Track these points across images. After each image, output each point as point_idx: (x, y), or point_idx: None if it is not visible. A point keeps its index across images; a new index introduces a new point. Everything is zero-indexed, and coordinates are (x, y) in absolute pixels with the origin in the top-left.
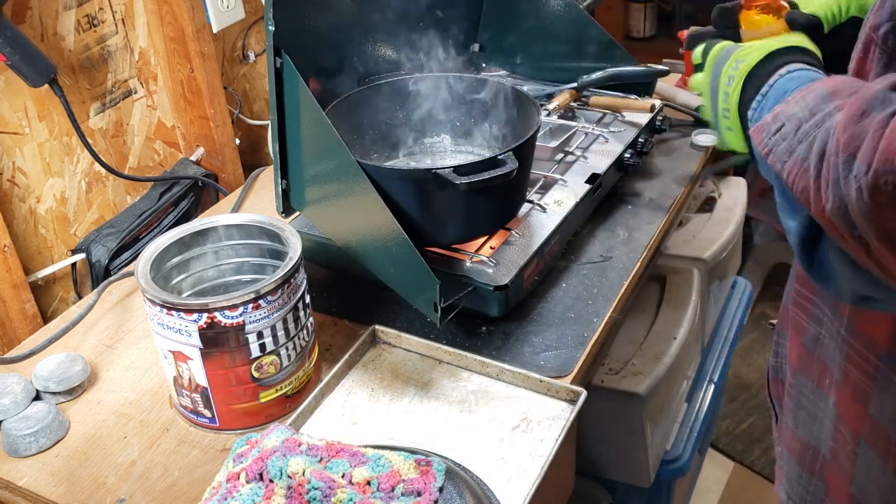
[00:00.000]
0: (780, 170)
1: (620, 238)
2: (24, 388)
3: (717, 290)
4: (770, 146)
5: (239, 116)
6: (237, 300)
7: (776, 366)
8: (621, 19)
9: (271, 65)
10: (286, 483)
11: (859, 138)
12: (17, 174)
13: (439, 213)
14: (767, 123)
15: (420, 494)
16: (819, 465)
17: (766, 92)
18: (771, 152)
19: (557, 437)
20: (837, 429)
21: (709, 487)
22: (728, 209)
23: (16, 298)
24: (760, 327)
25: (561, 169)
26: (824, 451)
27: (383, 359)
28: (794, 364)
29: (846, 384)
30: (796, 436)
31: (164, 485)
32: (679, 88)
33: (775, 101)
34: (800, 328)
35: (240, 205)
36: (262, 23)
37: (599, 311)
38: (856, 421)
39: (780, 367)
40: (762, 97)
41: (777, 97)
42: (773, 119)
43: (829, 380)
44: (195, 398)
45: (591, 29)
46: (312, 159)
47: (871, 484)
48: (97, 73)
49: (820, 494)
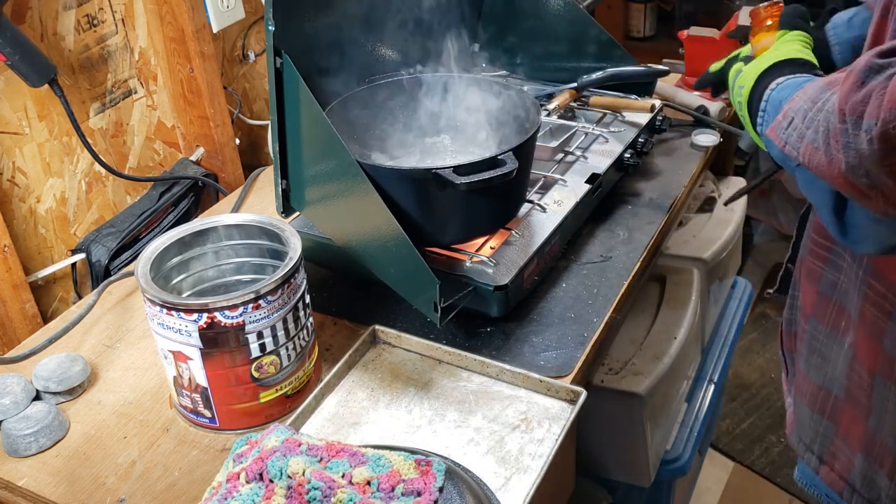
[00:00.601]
0: (796, 155)
1: (620, 238)
2: (24, 388)
3: (717, 290)
4: (785, 139)
5: (239, 116)
6: (237, 300)
7: (790, 318)
8: (621, 19)
9: (271, 65)
10: (286, 483)
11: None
12: (17, 174)
13: (439, 213)
14: (779, 122)
15: (420, 494)
16: (831, 406)
17: (764, 108)
18: (787, 143)
19: (557, 437)
20: (852, 367)
21: (709, 487)
22: (728, 209)
23: (16, 298)
24: (760, 327)
25: (561, 169)
26: (836, 392)
27: (383, 359)
28: (807, 311)
29: (862, 324)
30: (808, 379)
31: (164, 485)
32: (679, 88)
33: (775, 112)
34: (815, 276)
35: (240, 205)
36: (262, 23)
37: (599, 311)
38: (871, 357)
39: (793, 319)
40: (763, 112)
41: (775, 108)
42: (784, 117)
43: (846, 322)
44: (195, 398)
45: (591, 29)
46: (312, 159)
47: (886, 415)
48: (97, 73)
49: (830, 434)
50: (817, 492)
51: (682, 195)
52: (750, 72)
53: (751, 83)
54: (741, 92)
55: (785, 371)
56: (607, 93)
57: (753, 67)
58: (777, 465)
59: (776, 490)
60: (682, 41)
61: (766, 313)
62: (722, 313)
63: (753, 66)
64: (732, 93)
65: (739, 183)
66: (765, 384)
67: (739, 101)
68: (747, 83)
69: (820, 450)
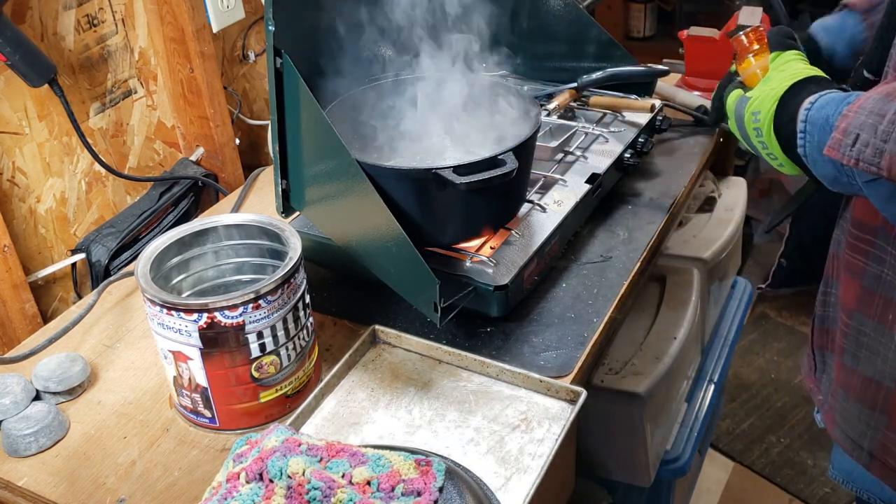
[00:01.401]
0: (876, 170)
1: (620, 238)
2: (24, 388)
3: (717, 290)
4: (856, 156)
5: (239, 116)
6: (237, 300)
7: (823, 315)
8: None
9: (271, 65)
10: (286, 483)
11: None
12: (17, 174)
13: (439, 212)
14: (838, 140)
15: (420, 494)
16: (882, 398)
17: (804, 128)
18: (860, 160)
19: (557, 437)
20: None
21: (709, 487)
22: (728, 209)
23: (16, 298)
24: (760, 327)
25: (561, 169)
26: (888, 383)
27: (383, 359)
28: (850, 306)
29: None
30: (856, 373)
31: (164, 485)
32: (679, 88)
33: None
34: (857, 270)
35: (240, 205)
36: (262, 23)
37: (599, 311)
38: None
39: (827, 316)
40: (803, 133)
41: (821, 125)
42: (844, 134)
43: (893, 314)
44: (195, 398)
45: (591, 29)
46: (312, 159)
47: None
48: (97, 73)
49: (881, 427)
50: (857, 487)
51: (682, 195)
52: (765, 96)
53: (770, 106)
54: (757, 118)
55: (813, 369)
56: (607, 93)
57: (768, 91)
58: (777, 465)
59: (776, 490)
60: (682, 41)
61: (766, 313)
62: (722, 313)
63: (767, 90)
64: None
65: (740, 183)
66: (765, 384)
67: (756, 128)
68: (765, 107)
69: (870, 444)
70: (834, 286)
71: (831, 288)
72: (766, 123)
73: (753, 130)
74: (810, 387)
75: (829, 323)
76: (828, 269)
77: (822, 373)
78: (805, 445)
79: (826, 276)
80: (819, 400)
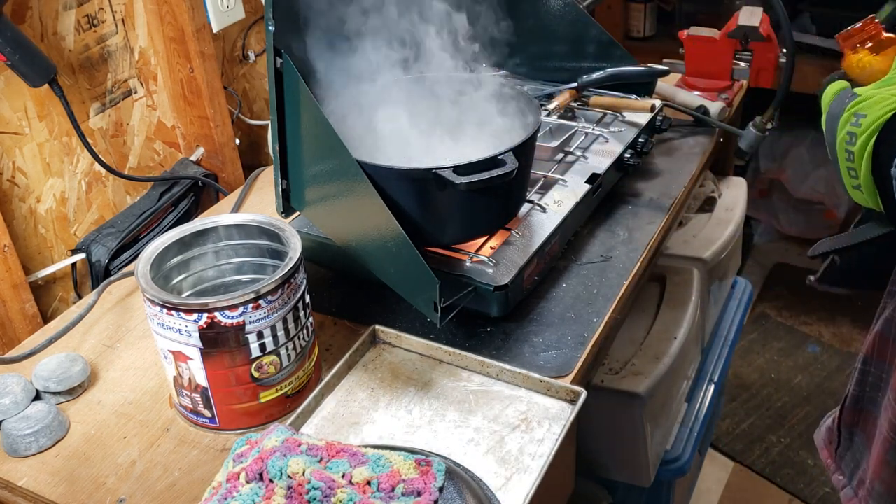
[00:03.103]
0: None
1: (620, 238)
2: (24, 388)
3: (717, 290)
4: None
5: (239, 116)
6: (237, 300)
7: (859, 395)
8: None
9: (271, 65)
10: (286, 483)
11: None
12: (17, 174)
13: (439, 213)
14: None
15: (420, 494)
16: None
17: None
18: None
19: (557, 437)
20: None
21: (709, 487)
22: (728, 209)
23: (16, 298)
24: (760, 327)
25: (561, 169)
26: None
27: (383, 359)
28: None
29: None
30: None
31: (164, 485)
32: (679, 88)
33: None
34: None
35: (240, 205)
36: (262, 23)
37: (599, 311)
38: None
39: (864, 397)
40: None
41: None
42: None
43: None
44: (195, 398)
45: (591, 29)
46: (312, 159)
47: None
48: (97, 73)
49: None
50: None
51: (682, 195)
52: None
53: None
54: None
55: (835, 445)
56: (607, 93)
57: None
58: (777, 465)
59: (776, 490)
60: (682, 41)
61: (766, 313)
62: (722, 313)
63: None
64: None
65: (740, 183)
66: (765, 384)
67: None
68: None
69: None
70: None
71: (874, 368)
72: (867, 131)
73: (847, 135)
74: (827, 461)
75: (866, 405)
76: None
77: (846, 451)
78: (805, 445)
79: (867, 354)
80: (839, 480)
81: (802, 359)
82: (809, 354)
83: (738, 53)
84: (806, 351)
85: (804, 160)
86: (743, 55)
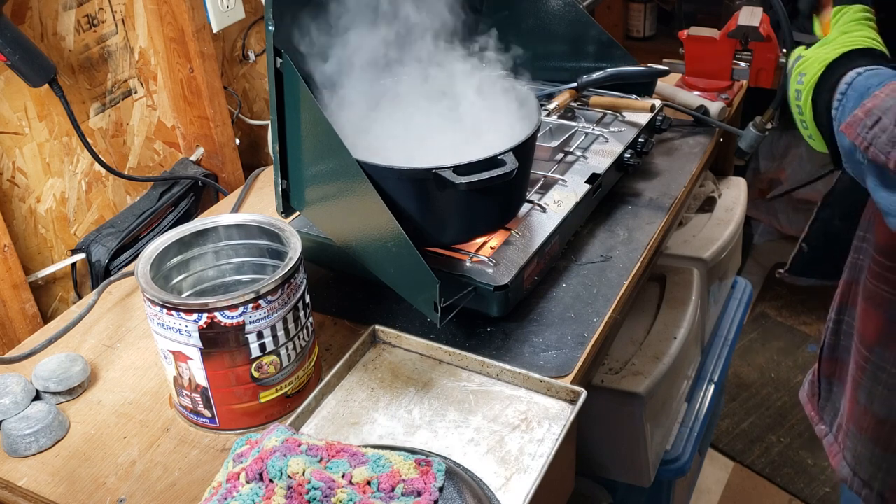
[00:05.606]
0: (884, 160)
1: (620, 238)
2: (24, 388)
3: (717, 290)
4: (869, 139)
5: (239, 116)
6: (237, 300)
7: (833, 343)
8: (621, 19)
9: (271, 65)
10: (286, 483)
11: None
12: (17, 174)
13: (439, 213)
14: (860, 119)
15: (420, 494)
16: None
17: (845, 91)
18: (871, 145)
19: (557, 437)
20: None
21: (709, 487)
22: (728, 209)
23: (16, 298)
24: (760, 327)
25: (561, 169)
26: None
27: (383, 359)
28: (870, 339)
29: None
30: (870, 412)
31: (164, 485)
32: (679, 88)
33: (858, 98)
34: (881, 301)
35: (240, 205)
36: (262, 23)
37: (599, 311)
38: None
39: (838, 345)
40: (842, 95)
41: (860, 93)
42: (866, 114)
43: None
44: (195, 398)
45: (591, 29)
46: (312, 159)
47: None
48: (97, 73)
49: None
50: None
51: (682, 195)
52: (815, 59)
53: (816, 71)
54: (802, 79)
55: (816, 397)
56: (607, 93)
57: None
58: (777, 465)
59: (776, 490)
60: (682, 41)
61: (766, 313)
62: (722, 313)
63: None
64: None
65: (740, 183)
66: (765, 384)
67: (798, 90)
68: (811, 70)
69: (881, 486)
70: (850, 314)
71: (845, 315)
72: (807, 87)
73: (795, 92)
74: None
75: (840, 352)
76: (842, 295)
77: (826, 402)
78: (805, 445)
79: (840, 302)
80: (821, 430)
81: (802, 358)
82: (809, 354)
83: (738, 53)
84: (806, 350)
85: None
86: (743, 55)
